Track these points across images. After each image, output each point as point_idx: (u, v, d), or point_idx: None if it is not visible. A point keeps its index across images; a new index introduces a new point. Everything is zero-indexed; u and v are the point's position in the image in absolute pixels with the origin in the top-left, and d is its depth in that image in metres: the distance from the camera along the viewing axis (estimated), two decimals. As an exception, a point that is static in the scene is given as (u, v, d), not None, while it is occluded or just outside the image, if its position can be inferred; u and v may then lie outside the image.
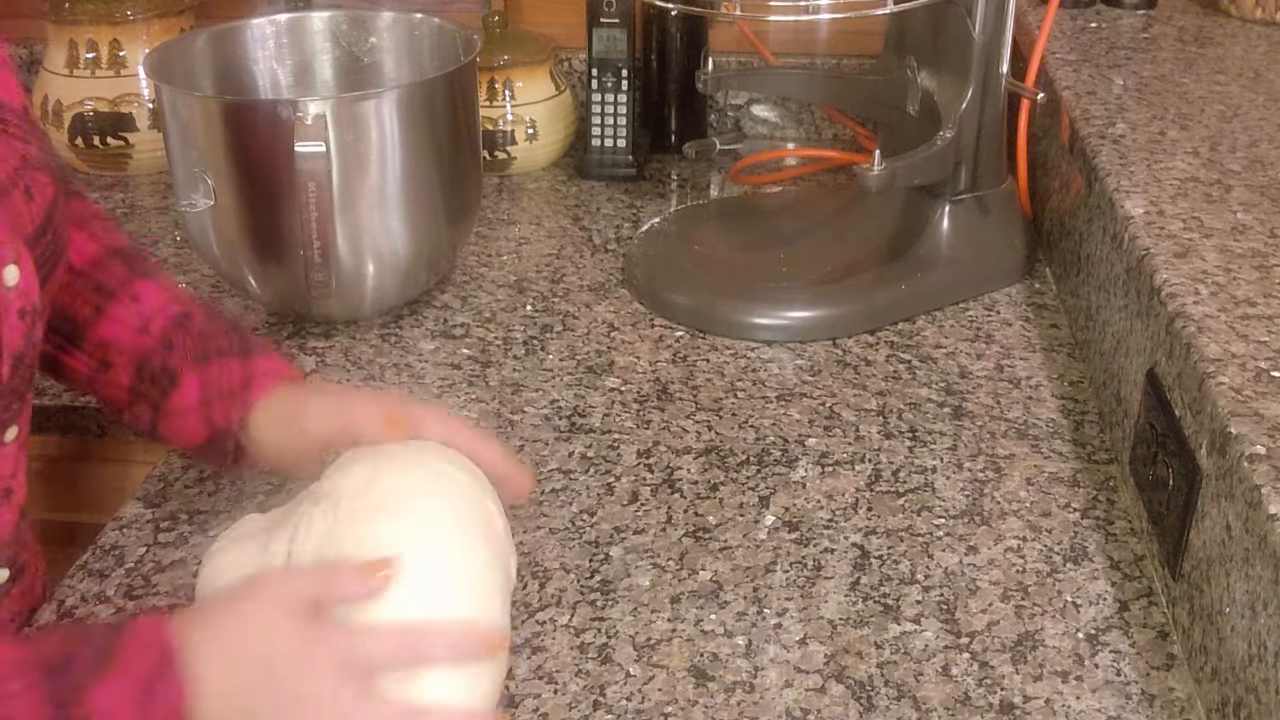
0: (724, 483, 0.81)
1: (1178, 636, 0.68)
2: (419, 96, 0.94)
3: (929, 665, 0.66)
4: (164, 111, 0.94)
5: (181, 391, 0.72)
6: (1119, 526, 0.77)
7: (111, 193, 1.27)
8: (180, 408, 0.72)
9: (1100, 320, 0.89)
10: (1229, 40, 1.19)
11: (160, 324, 0.74)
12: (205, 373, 0.72)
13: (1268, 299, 0.71)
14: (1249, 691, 0.57)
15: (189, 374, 0.72)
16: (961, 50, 0.99)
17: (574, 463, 0.83)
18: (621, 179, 1.28)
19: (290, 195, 0.88)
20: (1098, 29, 1.22)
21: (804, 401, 0.90)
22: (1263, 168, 0.88)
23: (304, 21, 1.08)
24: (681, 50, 1.31)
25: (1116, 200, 0.84)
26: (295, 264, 0.92)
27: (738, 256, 1.08)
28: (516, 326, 1.00)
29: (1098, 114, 0.98)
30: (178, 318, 0.75)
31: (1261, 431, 0.59)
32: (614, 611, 0.70)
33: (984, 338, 0.98)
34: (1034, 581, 0.72)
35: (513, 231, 1.18)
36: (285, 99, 1.06)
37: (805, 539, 0.76)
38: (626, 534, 0.76)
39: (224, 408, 0.71)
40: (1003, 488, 0.80)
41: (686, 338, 0.99)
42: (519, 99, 1.27)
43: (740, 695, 0.64)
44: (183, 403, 0.72)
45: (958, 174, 1.03)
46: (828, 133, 1.41)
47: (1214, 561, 0.62)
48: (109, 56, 1.26)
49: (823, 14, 0.94)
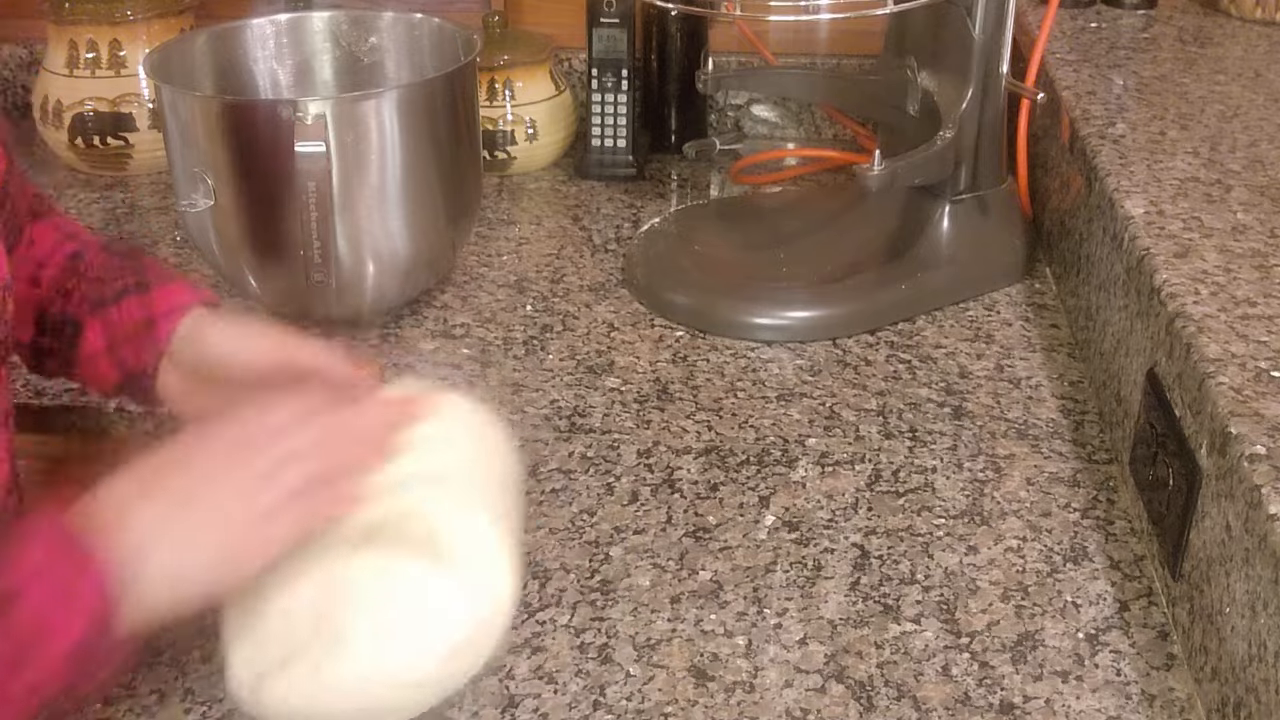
0: (724, 483, 0.81)
1: (1178, 636, 0.68)
2: (419, 96, 0.94)
3: (929, 665, 0.66)
4: (164, 111, 0.94)
5: (86, 339, 0.70)
6: (1119, 526, 0.77)
7: (111, 193, 1.27)
8: (88, 354, 0.70)
9: (1100, 320, 0.89)
10: (1229, 40, 1.19)
11: (51, 272, 0.71)
12: (106, 318, 0.70)
13: (1268, 299, 0.71)
14: (1249, 691, 0.57)
15: (90, 321, 0.70)
16: (961, 50, 0.99)
17: (574, 463, 0.83)
18: (621, 179, 1.28)
19: (290, 195, 0.88)
20: (1098, 29, 1.22)
21: (804, 401, 0.90)
22: (1263, 168, 0.88)
23: (304, 21, 1.08)
24: (681, 50, 1.31)
25: (1116, 200, 0.84)
26: (295, 264, 0.92)
27: (738, 256, 1.08)
28: (516, 326, 1.01)
29: (1098, 114, 0.98)
30: (69, 261, 0.72)
31: (1261, 431, 0.59)
32: (614, 611, 0.70)
33: (984, 338, 0.98)
34: (1034, 581, 0.72)
35: (513, 231, 1.18)
36: (285, 99, 1.06)
37: (805, 539, 0.76)
38: (626, 534, 0.76)
39: (133, 350, 0.69)
40: (1003, 488, 0.80)
41: (686, 338, 0.99)
42: (519, 99, 1.27)
43: (740, 695, 0.64)
44: (89, 349, 0.70)
45: (958, 174, 1.02)
46: (828, 133, 1.41)
47: (1214, 561, 0.62)
48: (109, 56, 1.26)
49: (823, 14, 0.94)
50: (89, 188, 1.28)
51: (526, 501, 0.77)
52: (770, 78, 1.26)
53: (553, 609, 0.70)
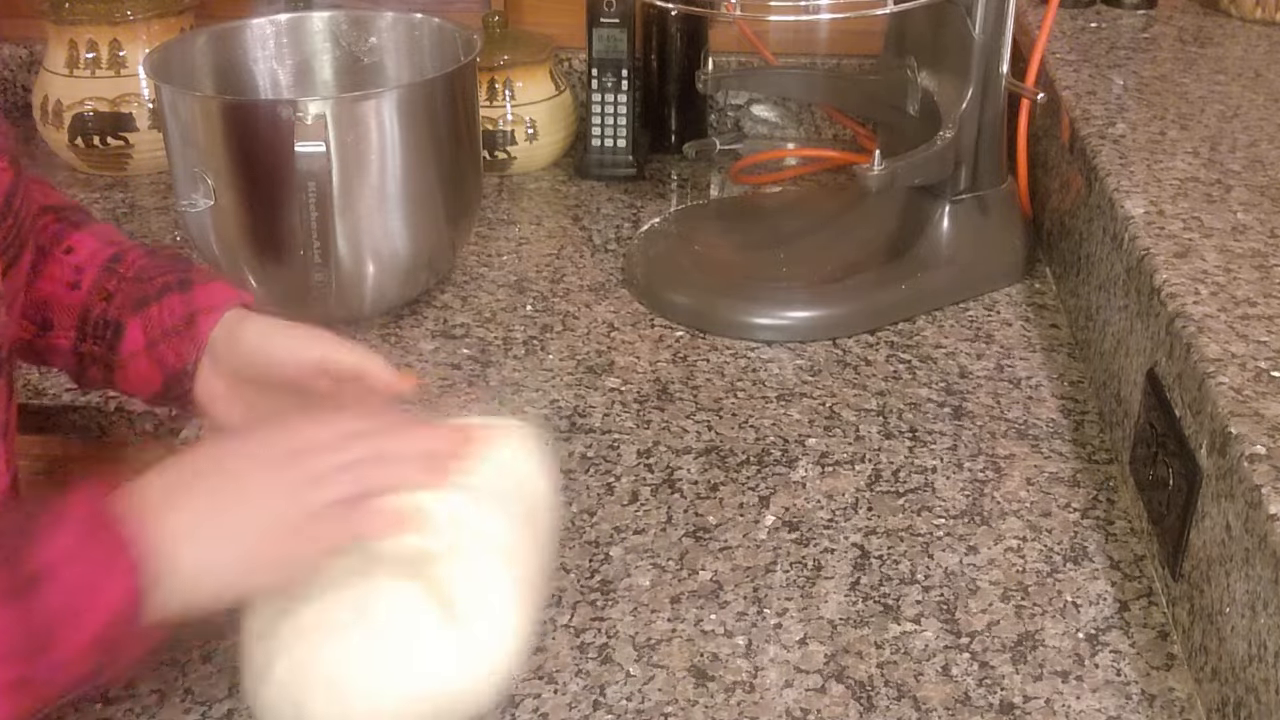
0: (724, 483, 0.81)
1: (1178, 636, 0.68)
2: (419, 96, 0.94)
3: (929, 665, 0.66)
4: (164, 111, 0.94)
5: (127, 339, 0.69)
6: (1119, 526, 0.77)
7: (111, 193, 1.27)
8: (128, 354, 0.69)
9: (1100, 320, 0.89)
10: (1229, 40, 1.19)
11: (92, 275, 0.71)
12: (147, 315, 0.69)
13: (1268, 299, 0.71)
14: (1249, 691, 0.57)
15: (131, 321, 0.69)
16: (961, 50, 0.99)
17: (574, 463, 0.83)
18: (621, 179, 1.28)
19: (290, 195, 0.88)
20: (1098, 29, 1.22)
21: (804, 401, 0.90)
22: (1263, 168, 0.88)
23: (304, 21, 1.08)
24: (681, 50, 1.31)
25: (1116, 200, 0.84)
26: (295, 264, 0.92)
27: (738, 256, 1.08)
28: (516, 326, 1.01)
29: (1098, 114, 0.98)
30: (108, 262, 0.71)
31: (1261, 431, 0.59)
32: (614, 611, 0.70)
33: (984, 338, 0.98)
34: (1034, 581, 0.72)
35: (513, 231, 1.18)
36: (285, 99, 1.06)
37: (805, 539, 0.76)
38: (626, 534, 0.76)
39: (173, 347, 0.68)
40: (1003, 488, 0.80)
41: (686, 338, 0.99)
42: (519, 99, 1.27)
43: (740, 695, 0.64)
44: (130, 348, 0.69)
45: (958, 174, 1.02)
46: (828, 133, 1.41)
47: (1214, 561, 0.62)
48: (109, 56, 1.26)
49: (823, 14, 0.94)
50: (89, 188, 1.28)
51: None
52: (770, 78, 1.26)
53: (553, 609, 0.70)
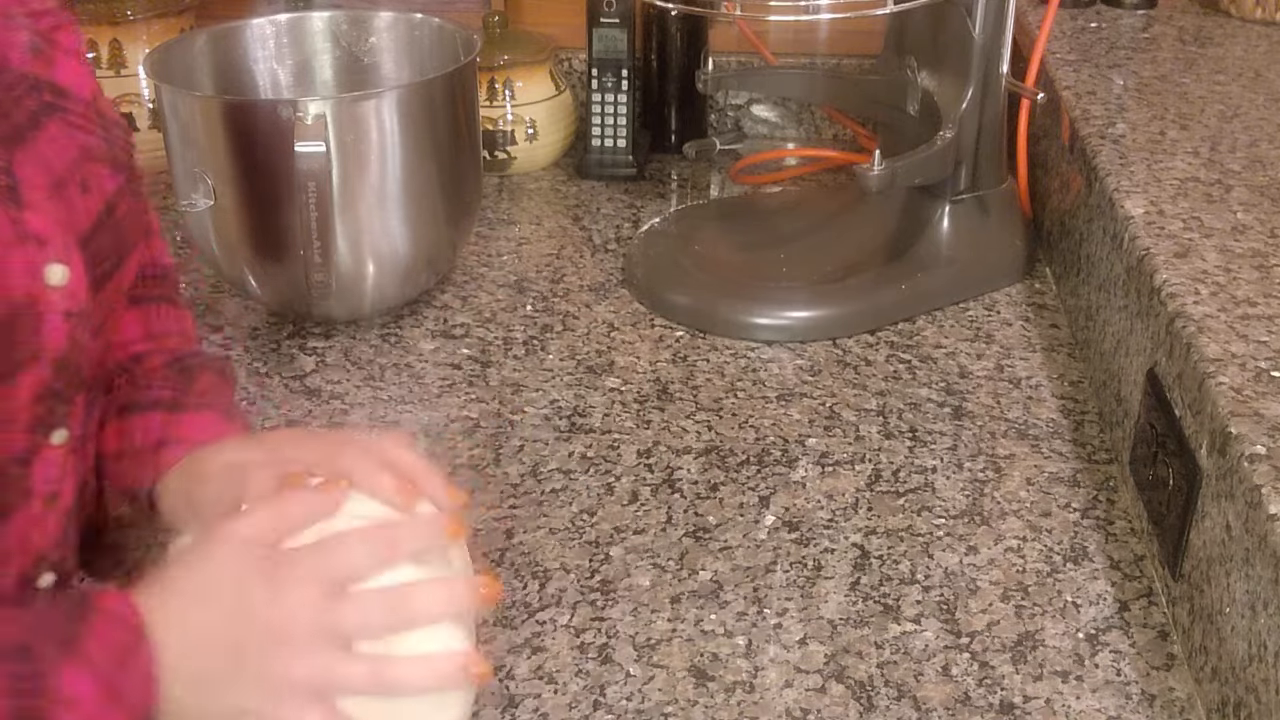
0: (724, 483, 0.81)
1: (1178, 636, 0.68)
2: (419, 96, 0.94)
3: (929, 665, 0.66)
4: (164, 111, 0.94)
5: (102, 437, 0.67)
6: (1119, 526, 0.77)
7: (111, 193, 1.27)
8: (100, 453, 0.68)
9: (1100, 320, 0.89)
10: (1229, 40, 1.19)
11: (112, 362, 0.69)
12: (125, 425, 0.67)
13: (1268, 299, 0.71)
14: (1249, 691, 0.57)
15: (113, 422, 0.68)
16: (961, 50, 0.99)
17: (574, 463, 0.83)
18: (621, 179, 1.28)
19: (290, 195, 0.88)
20: (1098, 29, 1.22)
21: (804, 401, 0.90)
22: (1263, 168, 0.88)
23: (304, 21, 1.08)
24: (681, 50, 1.31)
25: (1116, 200, 0.84)
26: (295, 264, 0.92)
27: (738, 256, 1.08)
28: (516, 326, 1.01)
29: (1098, 114, 0.99)
30: (128, 361, 0.70)
31: (1261, 431, 0.59)
32: (614, 611, 0.70)
33: (984, 338, 0.98)
34: (1034, 581, 0.72)
35: (513, 231, 1.18)
36: (285, 99, 1.06)
37: (805, 539, 0.76)
38: (626, 534, 0.76)
39: (133, 466, 0.66)
40: (1003, 488, 0.80)
41: (686, 338, 0.99)
42: (519, 99, 1.27)
43: (740, 695, 0.64)
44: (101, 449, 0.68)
45: (958, 174, 1.03)
46: (828, 133, 1.41)
47: (1214, 561, 0.62)
48: (109, 56, 1.26)
49: (823, 14, 0.94)
50: (89, 188, 1.28)
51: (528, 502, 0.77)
52: (770, 78, 1.26)
53: (553, 609, 0.70)
